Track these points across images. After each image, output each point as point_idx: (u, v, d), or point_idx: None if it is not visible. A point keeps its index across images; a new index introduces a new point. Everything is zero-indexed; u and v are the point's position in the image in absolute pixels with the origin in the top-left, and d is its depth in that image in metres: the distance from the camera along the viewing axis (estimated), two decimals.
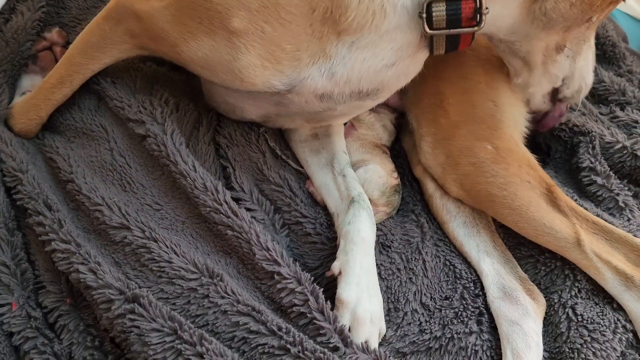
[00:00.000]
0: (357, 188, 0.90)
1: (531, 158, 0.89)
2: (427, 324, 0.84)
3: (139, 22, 0.82)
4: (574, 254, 0.85)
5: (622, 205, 0.95)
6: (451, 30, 0.72)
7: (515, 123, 0.91)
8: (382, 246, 0.91)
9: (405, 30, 0.73)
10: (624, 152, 1.02)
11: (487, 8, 0.70)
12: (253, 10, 0.71)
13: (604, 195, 0.97)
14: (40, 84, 0.94)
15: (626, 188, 0.99)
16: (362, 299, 0.78)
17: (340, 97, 0.80)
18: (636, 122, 1.07)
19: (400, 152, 1.03)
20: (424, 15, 0.70)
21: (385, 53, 0.75)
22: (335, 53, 0.74)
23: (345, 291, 0.79)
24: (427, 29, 0.71)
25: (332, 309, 0.77)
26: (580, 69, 0.87)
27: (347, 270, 0.80)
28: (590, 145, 1.01)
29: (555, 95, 0.90)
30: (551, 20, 0.75)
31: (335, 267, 0.81)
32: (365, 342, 0.76)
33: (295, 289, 0.76)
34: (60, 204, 0.84)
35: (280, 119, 0.91)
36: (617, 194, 0.96)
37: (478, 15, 0.71)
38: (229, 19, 0.72)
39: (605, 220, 0.90)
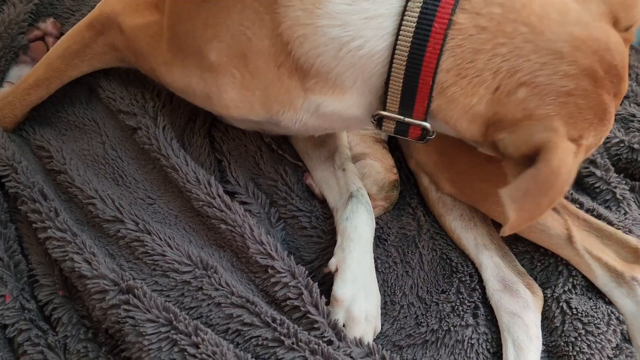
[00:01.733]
0: (357, 183, 0.90)
1: None
2: (424, 317, 0.85)
3: (121, 36, 0.83)
4: (566, 250, 0.87)
5: (620, 198, 0.97)
6: (396, 135, 0.76)
7: None
8: (379, 239, 0.92)
9: (364, 112, 0.75)
10: (621, 145, 1.03)
11: (433, 133, 0.73)
12: (224, 56, 0.72)
13: (601, 187, 0.99)
14: (19, 82, 0.94)
15: (623, 182, 1.00)
16: (357, 297, 0.79)
17: (314, 131, 0.83)
18: (633, 115, 1.09)
19: (397, 146, 1.03)
20: (374, 122, 0.74)
21: (351, 119, 0.77)
22: (304, 108, 0.75)
23: (341, 289, 0.79)
24: (376, 129, 0.75)
25: (327, 303, 0.78)
26: None
27: (344, 268, 0.80)
28: None
29: None
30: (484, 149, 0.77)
31: (332, 263, 0.82)
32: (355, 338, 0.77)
33: (289, 283, 0.77)
34: (53, 195, 0.85)
35: (264, 131, 0.93)
36: (615, 187, 0.98)
37: (425, 137, 0.74)
38: (202, 59, 0.74)
39: (601, 214, 0.93)
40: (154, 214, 0.86)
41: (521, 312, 0.83)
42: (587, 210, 0.92)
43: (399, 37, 0.66)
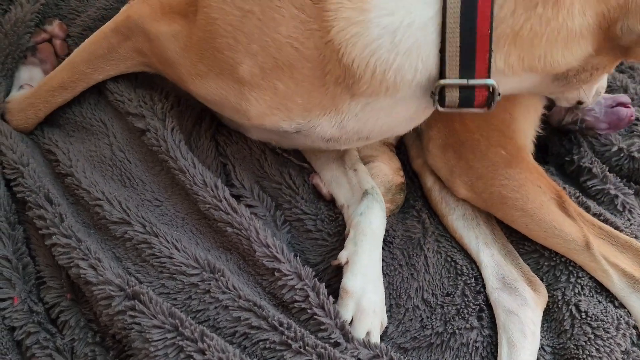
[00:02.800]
0: (370, 182, 0.91)
1: (539, 167, 0.92)
2: (429, 320, 0.85)
3: (149, 43, 0.83)
4: (582, 256, 0.87)
5: (624, 203, 0.97)
6: (462, 109, 0.74)
7: (527, 137, 0.94)
8: (384, 242, 0.91)
9: (419, 99, 0.75)
10: (621, 154, 1.03)
11: (499, 94, 0.71)
12: (267, 70, 0.72)
13: (604, 192, 0.98)
14: (40, 84, 0.94)
15: (626, 187, 0.99)
16: (367, 290, 0.80)
17: (346, 141, 0.82)
18: (637, 119, 1.07)
19: (400, 148, 1.03)
20: (436, 97, 0.72)
21: (399, 114, 0.77)
22: (347, 109, 0.75)
23: (351, 281, 0.80)
24: (438, 107, 0.73)
25: (334, 303, 0.79)
26: (598, 85, 0.88)
27: (355, 260, 0.81)
28: (586, 147, 1.02)
29: (579, 103, 0.91)
30: (570, 83, 0.77)
31: (343, 256, 0.82)
32: (367, 333, 0.78)
33: (296, 285, 0.77)
34: (60, 198, 0.86)
35: (282, 143, 0.93)
36: (618, 193, 0.97)
37: (490, 101, 0.72)
38: (241, 72, 0.73)
39: (608, 219, 0.93)
40: (161, 216, 0.87)
41: (518, 309, 0.83)
42: (594, 215, 0.92)
43: None
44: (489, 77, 0.69)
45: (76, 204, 0.87)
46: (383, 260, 0.90)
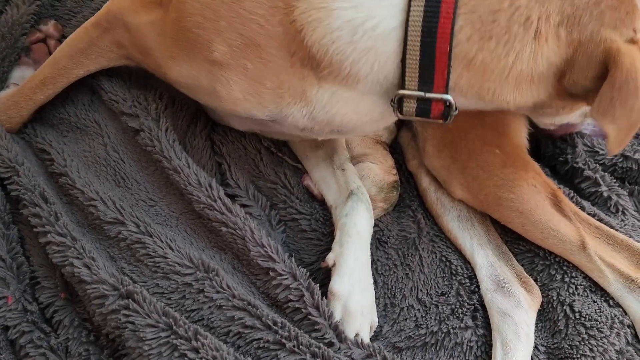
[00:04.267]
0: (357, 182, 0.91)
1: (535, 164, 0.93)
2: (423, 319, 0.86)
3: (128, 34, 0.84)
4: (579, 256, 0.88)
5: (618, 203, 0.98)
6: (419, 119, 0.75)
7: (520, 132, 0.95)
8: (379, 242, 0.93)
9: (381, 99, 0.75)
10: (615, 154, 1.03)
11: (456, 109, 0.72)
12: (234, 47, 0.73)
13: (598, 193, 0.99)
14: (24, 82, 0.95)
15: (620, 187, 1.00)
16: (354, 292, 0.80)
17: (320, 131, 0.83)
18: None
19: (396, 148, 1.04)
20: (395, 105, 0.73)
21: (366, 112, 0.77)
22: (316, 99, 0.75)
23: (338, 283, 0.81)
24: (397, 114, 0.74)
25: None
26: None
27: (341, 263, 0.82)
28: (580, 148, 1.03)
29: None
30: (538, 114, 0.79)
31: (330, 258, 0.83)
32: (356, 335, 0.78)
33: (291, 285, 0.78)
34: (54, 197, 0.86)
35: (264, 132, 0.94)
36: (612, 193, 0.98)
37: (447, 115, 0.73)
38: (211, 51, 0.74)
39: (602, 219, 0.93)
40: (155, 216, 0.88)
41: (512, 311, 0.84)
42: (589, 215, 0.93)
43: (411, 9, 0.67)
44: (446, 92, 0.70)
45: (70, 204, 0.88)
46: (378, 260, 0.91)
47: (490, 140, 0.90)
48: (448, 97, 0.70)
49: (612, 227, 0.92)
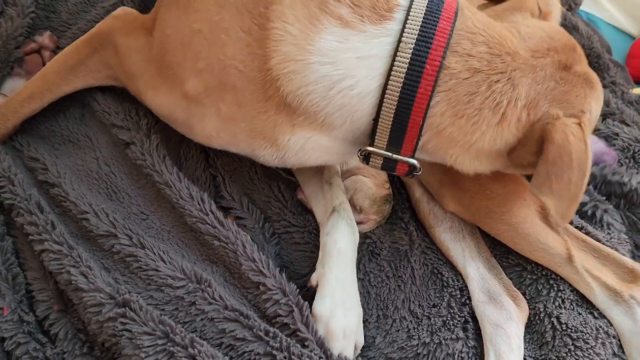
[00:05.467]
0: (340, 197, 0.93)
1: (524, 178, 0.96)
2: (415, 330, 0.90)
3: (116, 55, 0.87)
4: (566, 269, 0.92)
5: (604, 216, 1.02)
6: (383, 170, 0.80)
7: None
8: (372, 254, 0.96)
9: (351, 145, 0.79)
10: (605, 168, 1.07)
11: (419, 171, 0.78)
12: (210, 88, 0.75)
13: (582, 211, 1.03)
14: (12, 95, 0.98)
15: (606, 202, 1.04)
16: (335, 313, 0.82)
17: (292, 165, 0.86)
18: (617, 134, 1.14)
19: None
20: (362, 157, 0.78)
21: (339, 152, 0.81)
22: (289, 146, 0.78)
23: (319, 305, 0.82)
24: (362, 163, 0.79)
25: None
26: None
27: (323, 283, 0.84)
28: None
29: None
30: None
31: (313, 278, 0.86)
32: (339, 355, 0.80)
33: (280, 300, 0.81)
34: (49, 207, 0.88)
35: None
36: (599, 206, 1.02)
37: (410, 173, 0.79)
38: (187, 89, 0.77)
39: (589, 232, 0.98)
40: (147, 229, 0.90)
41: (504, 323, 0.88)
42: (577, 228, 0.97)
43: (390, 79, 0.69)
44: (412, 156, 0.75)
45: (63, 215, 0.90)
46: (370, 272, 0.94)
47: None
48: (413, 161, 0.76)
49: (599, 240, 0.96)
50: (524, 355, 0.89)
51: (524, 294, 0.93)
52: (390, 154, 0.75)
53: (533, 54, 0.72)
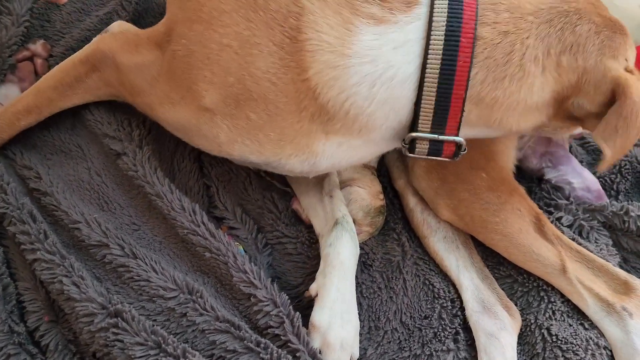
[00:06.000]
0: (342, 210, 0.95)
1: (520, 188, 0.99)
2: (407, 342, 0.91)
3: (117, 73, 0.88)
4: (559, 280, 0.93)
5: (592, 231, 1.03)
6: (428, 157, 0.82)
7: (507, 156, 1.01)
8: (364, 265, 0.98)
9: (390, 142, 0.82)
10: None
11: (465, 149, 0.80)
12: (240, 100, 0.76)
13: (572, 220, 1.04)
14: (7, 106, 0.98)
15: (590, 218, 1.05)
16: (334, 325, 0.83)
17: (314, 173, 0.88)
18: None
19: (381, 170, 1.09)
20: (407, 146, 0.80)
21: (368, 153, 0.84)
22: (322, 151, 0.80)
23: (318, 315, 0.83)
24: (407, 154, 0.81)
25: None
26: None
27: (323, 294, 0.85)
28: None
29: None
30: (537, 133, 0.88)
31: (313, 289, 0.86)
32: None
33: (271, 312, 0.81)
34: (41, 217, 0.88)
35: (258, 168, 0.98)
36: (585, 221, 1.03)
37: (457, 154, 0.81)
38: (213, 102, 0.77)
39: (581, 243, 0.99)
40: (139, 240, 0.91)
41: (498, 333, 0.89)
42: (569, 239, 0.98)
43: (429, 57, 0.72)
44: (457, 134, 0.77)
45: (55, 225, 0.91)
46: (362, 283, 0.95)
47: (477, 164, 0.96)
48: (460, 139, 0.78)
49: (591, 252, 0.97)
50: None
51: (515, 304, 0.94)
52: (436, 135, 0.77)
53: (555, 4, 0.76)
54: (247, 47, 0.74)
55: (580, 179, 1.07)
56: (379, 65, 0.72)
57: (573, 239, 0.99)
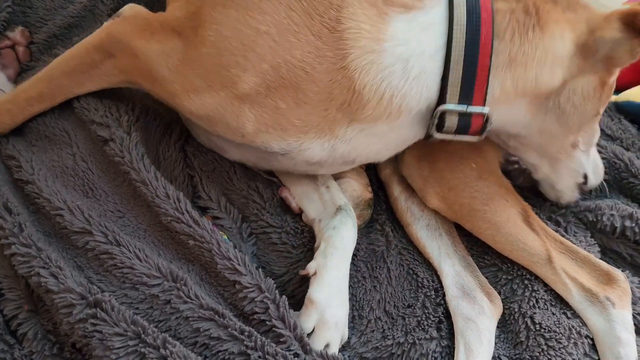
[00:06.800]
0: (343, 199, 0.96)
1: (507, 181, 1.00)
2: (390, 330, 0.91)
3: (134, 60, 0.86)
4: (544, 269, 0.94)
5: (570, 225, 1.05)
6: (456, 135, 0.85)
7: (495, 150, 1.02)
8: None
9: (414, 127, 0.85)
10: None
11: (491, 123, 0.83)
12: (272, 89, 0.78)
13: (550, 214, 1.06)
14: (17, 91, 0.96)
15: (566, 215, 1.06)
16: (332, 303, 0.84)
17: (329, 164, 0.89)
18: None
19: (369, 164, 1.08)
20: (436, 121, 0.82)
21: (390, 141, 0.86)
22: (343, 134, 0.82)
23: (317, 292, 0.84)
24: (435, 133, 0.83)
25: (295, 315, 0.83)
26: (594, 159, 1.00)
27: (323, 273, 0.86)
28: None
29: (581, 187, 1.02)
30: (565, 113, 0.88)
31: (312, 267, 0.87)
32: (326, 346, 0.82)
33: (256, 298, 0.81)
34: (20, 207, 0.87)
35: (259, 164, 0.97)
36: (560, 223, 1.05)
37: (485, 129, 0.84)
38: (244, 90, 0.78)
39: (563, 236, 1.00)
40: (123, 227, 0.90)
41: (476, 317, 0.90)
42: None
43: (453, 31, 0.77)
44: (484, 105, 0.80)
45: (37, 213, 0.89)
46: None
47: (467, 155, 0.97)
48: (487, 109, 0.81)
49: (574, 244, 0.98)
50: (499, 355, 0.90)
51: (499, 294, 0.95)
52: (464, 107, 0.79)
53: None
54: (285, 34, 0.76)
55: None
56: (411, 44, 0.78)
57: (556, 231, 0.99)
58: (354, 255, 0.96)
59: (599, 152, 1.14)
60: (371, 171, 1.09)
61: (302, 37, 0.76)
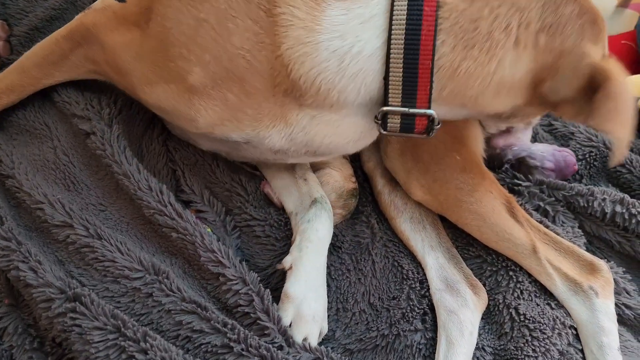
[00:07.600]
0: (320, 191, 0.95)
1: (490, 173, 0.99)
2: (374, 322, 0.91)
3: (102, 52, 0.85)
4: (529, 260, 0.94)
5: (555, 214, 1.05)
6: (402, 134, 0.80)
7: (477, 142, 1.02)
8: (333, 247, 0.97)
9: (363, 119, 0.80)
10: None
11: (439, 123, 0.77)
12: (217, 80, 0.75)
13: (537, 203, 1.06)
14: None
15: (555, 201, 1.06)
16: (308, 297, 0.84)
17: (295, 153, 0.86)
18: (572, 134, 1.17)
19: (355, 155, 1.07)
20: (379, 121, 0.78)
21: (344, 132, 0.82)
22: (296, 122, 0.79)
23: (293, 286, 0.84)
24: (381, 131, 0.79)
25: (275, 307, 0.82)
26: None
27: (298, 267, 0.85)
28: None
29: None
30: (502, 122, 0.86)
31: (287, 261, 0.86)
32: (305, 339, 0.81)
33: (240, 290, 0.81)
34: (0, 200, 0.86)
35: (231, 154, 0.96)
36: (549, 204, 1.05)
37: (430, 129, 0.78)
38: (190, 82, 0.76)
39: (548, 226, 1.00)
40: (105, 221, 0.89)
41: (458, 310, 0.89)
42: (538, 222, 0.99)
43: (392, 28, 0.71)
44: (429, 107, 0.75)
45: (18, 207, 0.89)
46: (331, 265, 0.94)
47: (451, 147, 0.96)
48: (431, 112, 0.75)
49: (558, 234, 0.98)
50: (483, 346, 0.90)
51: (483, 285, 0.95)
52: (406, 109, 0.75)
53: None
54: (223, 21, 0.73)
55: (542, 147, 1.09)
56: (347, 40, 0.72)
57: (541, 222, 1.00)
58: (339, 247, 0.96)
59: (590, 140, 1.14)
60: (357, 163, 1.08)
61: (240, 22, 0.72)
